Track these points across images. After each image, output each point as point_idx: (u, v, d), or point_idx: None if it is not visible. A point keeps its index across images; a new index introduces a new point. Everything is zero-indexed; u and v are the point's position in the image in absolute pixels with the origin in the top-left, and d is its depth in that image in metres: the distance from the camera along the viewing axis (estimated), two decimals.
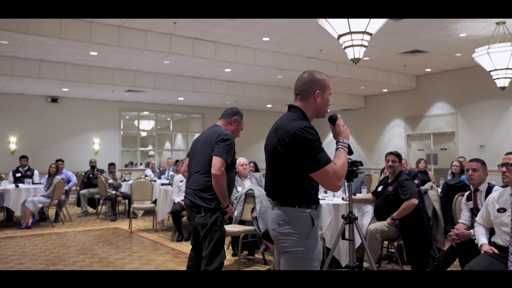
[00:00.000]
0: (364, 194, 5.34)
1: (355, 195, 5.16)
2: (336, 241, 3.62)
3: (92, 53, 9.23)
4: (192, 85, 12.06)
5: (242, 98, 13.49)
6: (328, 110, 2.40)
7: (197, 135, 15.83)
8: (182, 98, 13.77)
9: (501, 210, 3.24)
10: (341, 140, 2.30)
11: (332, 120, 2.38)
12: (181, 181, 7.17)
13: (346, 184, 4.36)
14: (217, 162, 3.20)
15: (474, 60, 8.09)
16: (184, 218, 7.73)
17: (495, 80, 8.08)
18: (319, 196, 5.66)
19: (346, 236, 3.33)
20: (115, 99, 13.76)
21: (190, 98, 13.68)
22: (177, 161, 10.52)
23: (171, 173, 10.47)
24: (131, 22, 7.96)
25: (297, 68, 10.57)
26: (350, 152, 2.34)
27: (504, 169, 3.25)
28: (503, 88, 8.14)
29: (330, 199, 5.10)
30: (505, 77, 7.95)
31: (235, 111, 3.61)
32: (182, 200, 6.93)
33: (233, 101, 14.27)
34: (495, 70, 7.91)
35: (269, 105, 15.58)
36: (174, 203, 7.02)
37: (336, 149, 2.28)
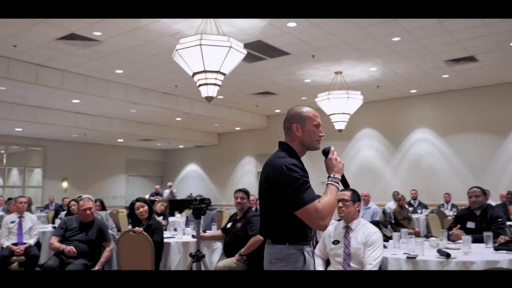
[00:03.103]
0: (214, 231, 5.31)
1: (205, 232, 5.11)
2: None
3: None
4: (33, 115, 10.94)
5: (91, 131, 12.71)
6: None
7: (37, 170, 14.67)
8: (20, 129, 12.38)
9: (336, 242, 3.48)
10: (332, 175, 2.24)
11: (325, 153, 2.32)
12: (12, 222, 6.29)
13: (195, 221, 4.30)
14: None
15: (317, 104, 8.90)
16: (14, 264, 6.77)
17: (334, 123, 8.97)
18: (169, 234, 5.48)
19: None
20: None
21: (30, 129, 12.37)
22: (9, 199, 9.31)
23: (1, 213, 9.17)
24: None
25: (151, 102, 10.39)
26: (346, 185, 2.29)
27: (340, 204, 3.51)
28: (340, 130, 9.07)
29: (180, 237, 4.96)
30: (342, 121, 8.89)
31: None
32: (13, 244, 6.12)
33: (80, 134, 13.33)
34: (334, 114, 8.80)
35: (120, 140, 14.93)
36: (1, 247, 6.10)
37: (326, 185, 2.21)
